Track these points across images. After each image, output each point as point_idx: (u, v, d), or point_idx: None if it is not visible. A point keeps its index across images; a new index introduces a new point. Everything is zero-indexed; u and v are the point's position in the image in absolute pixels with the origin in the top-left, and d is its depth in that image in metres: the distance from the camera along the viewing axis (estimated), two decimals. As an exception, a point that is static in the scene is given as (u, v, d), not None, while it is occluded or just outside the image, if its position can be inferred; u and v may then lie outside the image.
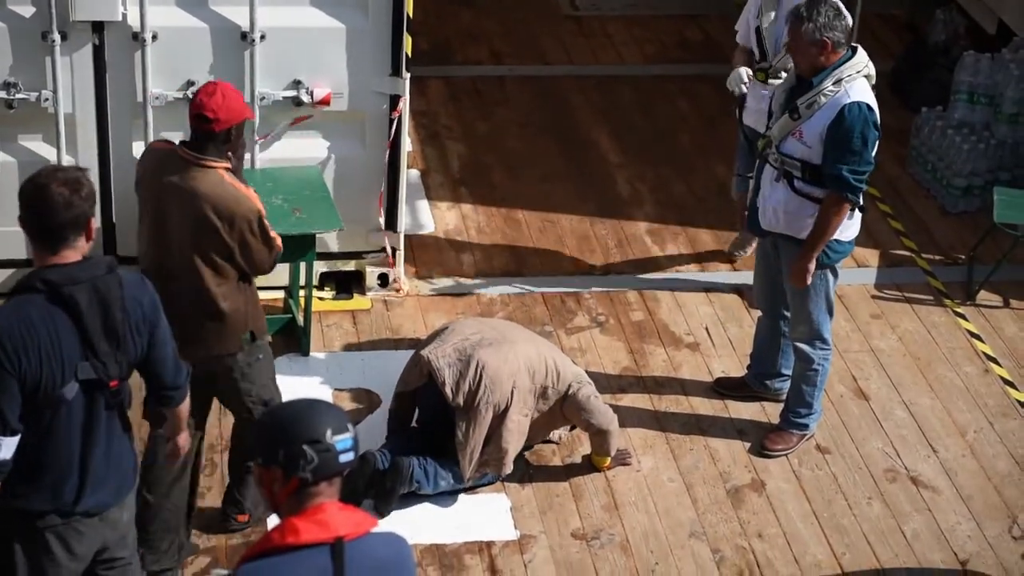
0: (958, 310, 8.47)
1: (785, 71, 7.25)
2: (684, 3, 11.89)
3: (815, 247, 6.78)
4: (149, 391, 5.15)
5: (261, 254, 6.18)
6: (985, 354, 8.12)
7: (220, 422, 7.20)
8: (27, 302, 4.71)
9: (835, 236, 6.83)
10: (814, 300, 6.99)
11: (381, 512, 6.62)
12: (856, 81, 6.64)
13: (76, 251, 4.77)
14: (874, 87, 6.79)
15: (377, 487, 6.70)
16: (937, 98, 9.86)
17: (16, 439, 4.74)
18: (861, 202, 6.77)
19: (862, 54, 6.72)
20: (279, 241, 6.24)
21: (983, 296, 8.58)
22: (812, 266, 6.82)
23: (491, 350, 6.76)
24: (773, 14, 7.82)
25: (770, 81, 7.29)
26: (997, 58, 9.62)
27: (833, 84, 6.62)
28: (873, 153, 6.70)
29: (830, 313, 7.09)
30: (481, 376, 6.69)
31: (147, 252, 6.25)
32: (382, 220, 7.98)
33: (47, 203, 4.69)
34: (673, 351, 7.99)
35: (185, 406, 5.30)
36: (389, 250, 8.06)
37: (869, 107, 6.62)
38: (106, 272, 4.80)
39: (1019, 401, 7.79)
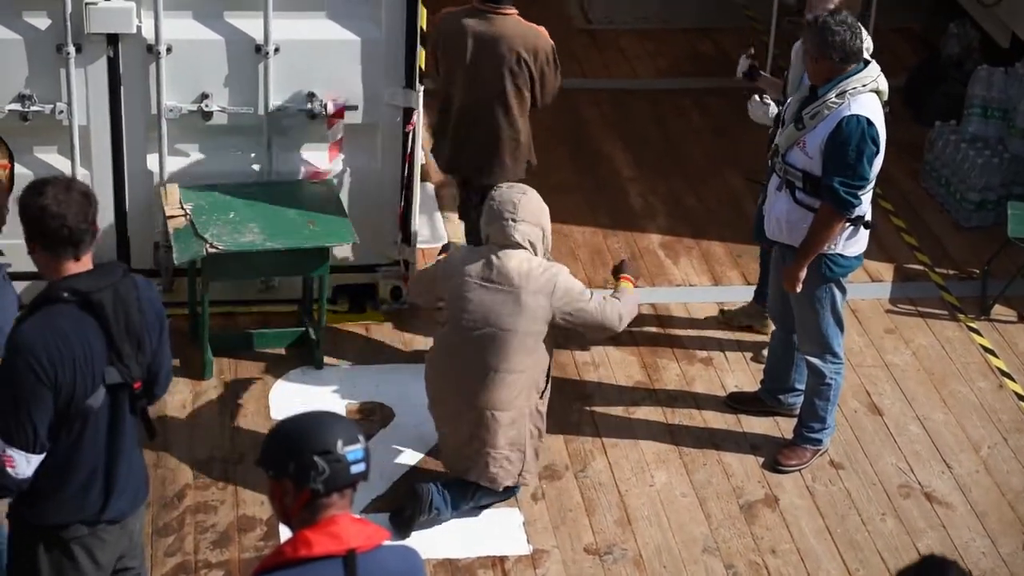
0: (972, 325, 8.45)
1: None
2: (697, 17, 11.88)
3: (806, 255, 6.77)
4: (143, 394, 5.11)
5: (553, 83, 7.76)
6: (999, 369, 8.10)
7: (232, 436, 7.21)
8: (57, 313, 4.73)
9: (839, 251, 6.82)
10: (820, 314, 6.97)
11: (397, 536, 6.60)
12: (861, 95, 6.61)
13: (90, 257, 4.79)
14: (887, 102, 6.77)
15: (394, 512, 6.68)
16: (951, 112, 9.85)
17: (41, 457, 4.75)
18: (852, 214, 6.72)
19: (873, 68, 6.70)
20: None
21: (997, 311, 8.56)
22: (802, 274, 6.80)
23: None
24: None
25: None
26: (1011, 72, 9.61)
27: (837, 96, 6.61)
28: (872, 169, 6.65)
29: (839, 327, 7.08)
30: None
31: (459, 99, 7.75)
32: (398, 234, 7.97)
33: (73, 210, 4.72)
34: (686, 365, 7.97)
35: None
36: (403, 263, 8.05)
37: (869, 121, 6.58)
38: (123, 275, 4.85)
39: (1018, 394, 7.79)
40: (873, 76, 6.67)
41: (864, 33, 6.92)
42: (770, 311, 7.49)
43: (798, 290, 6.87)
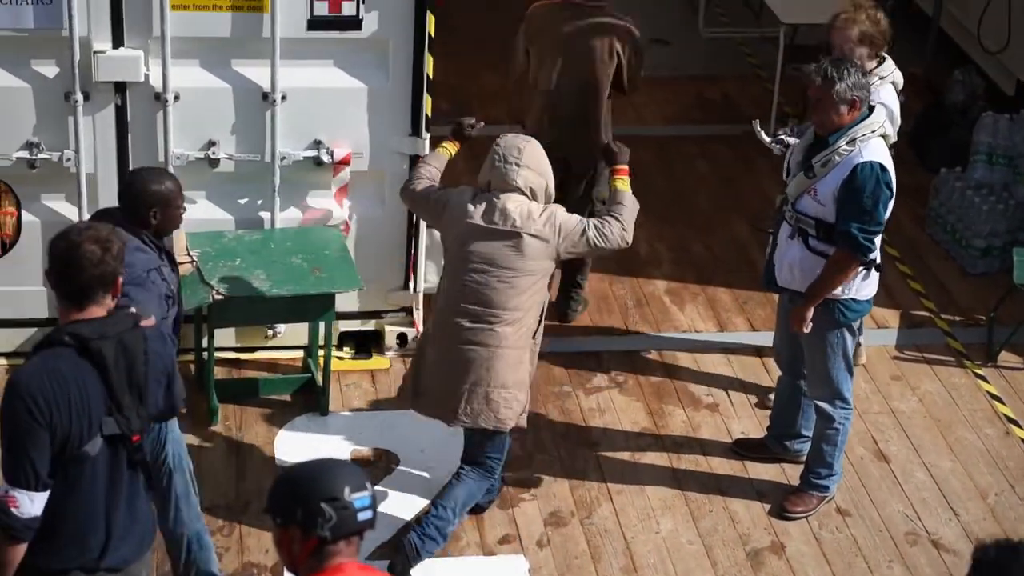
0: (978, 371, 8.44)
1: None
2: (703, 65, 11.94)
3: (815, 297, 6.78)
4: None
5: (638, 72, 8.27)
6: (1006, 416, 8.08)
7: (237, 483, 7.20)
8: (57, 356, 4.75)
9: (852, 295, 6.83)
10: (832, 359, 6.98)
11: None
12: (871, 140, 6.64)
13: (102, 307, 4.82)
14: (893, 147, 6.81)
15: (389, 567, 6.64)
16: (956, 158, 9.86)
17: (46, 494, 4.77)
18: (868, 259, 6.75)
19: (879, 113, 6.74)
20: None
21: (1004, 357, 8.55)
22: (810, 315, 6.81)
23: None
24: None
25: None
26: (1016, 119, 9.63)
27: (847, 143, 6.63)
28: (886, 214, 6.69)
29: (849, 372, 7.08)
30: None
31: (557, 88, 8.18)
32: (411, 283, 7.97)
33: (78, 261, 4.74)
34: (692, 412, 7.96)
35: None
36: (409, 310, 8.06)
37: (882, 167, 6.62)
38: (132, 327, 4.84)
39: (1008, 417, 7.77)
40: (880, 122, 6.70)
41: (885, 22, 7.38)
42: (778, 357, 7.49)
43: (806, 331, 6.87)
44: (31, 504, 4.74)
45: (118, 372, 4.79)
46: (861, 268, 6.78)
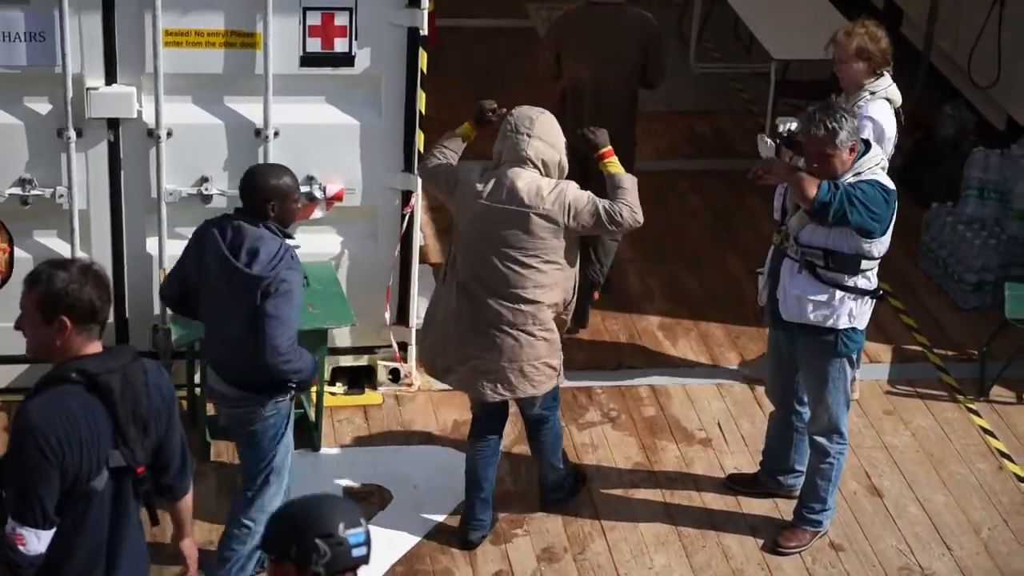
0: (971, 406, 8.44)
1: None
2: (695, 100, 11.97)
3: (793, 179, 6.68)
4: (153, 483, 5.10)
5: (663, 62, 8.79)
6: (999, 451, 8.08)
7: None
8: (66, 393, 4.73)
9: (852, 325, 6.84)
10: (834, 393, 6.98)
11: None
12: (876, 172, 6.73)
13: (100, 342, 4.82)
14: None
15: None
16: (947, 193, 9.89)
17: (52, 532, 4.76)
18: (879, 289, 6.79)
19: (876, 148, 6.81)
20: None
21: (996, 392, 8.56)
22: (781, 176, 6.78)
23: None
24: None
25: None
26: (1007, 154, 9.66)
27: (853, 176, 6.68)
28: (889, 227, 6.72)
29: (847, 406, 7.09)
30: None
31: (589, 87, 8.56)
32: (388, 315, 7.98)
33: (107, 291, 4.75)
34: (685, 447, 7.96)
35: (189, 502, 5.28)
36: (395, 345, 8.05)
37: (884, 187, 6.69)
38: (133, 360, 4.85)
39: (1017, 475, 7.76)
40: (879, 155, 6.78)
41: (885, 41, 7.63)
42: (769, 393, 7.49)
43: (761, 181, 6.85)
44: (37, 542, 4.74)
45: (124, 405, 4.80)
46: (865, 296, 6.80)
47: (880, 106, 7.67)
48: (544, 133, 6.73)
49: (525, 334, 6.70)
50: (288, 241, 6.27)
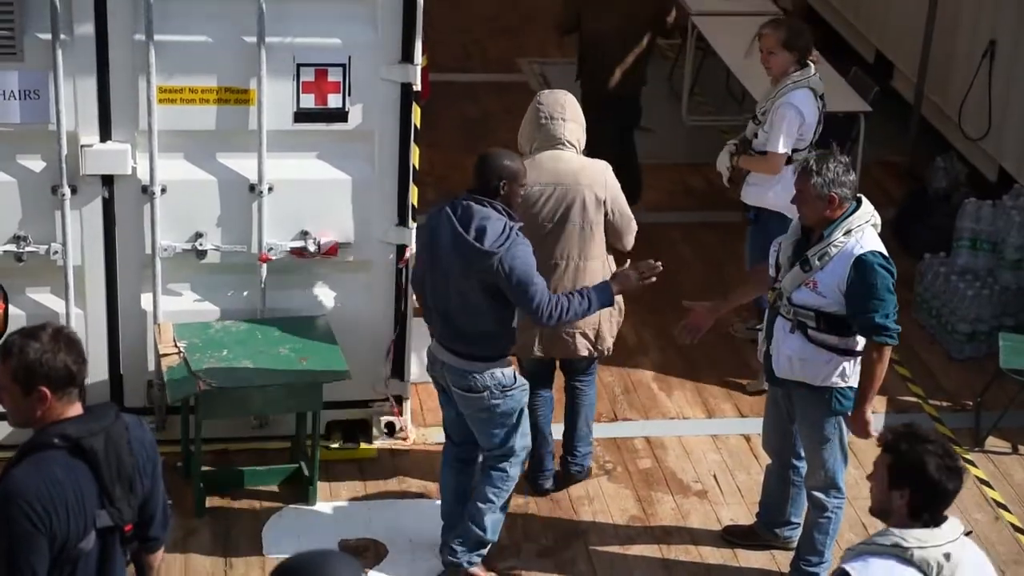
0: (967, 456, 8.43)
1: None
2: (687, 152, 12.02)
3: (867, 399, 6.82)
4: (136, 536, 5.07)
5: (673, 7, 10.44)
6: (995, 501, 8.07)
7: (226, 574, 7.15)
8: (49, 459, 4.71)
9: (848, 383, 6.85)
10: (830, 449, 6.98)
11: None
12: (865, 230, 6.72)
13: (80, 404, 4.80)
14: (879, 235, 6.87)
15: None
16: (940, 244, 9.92)
17: None
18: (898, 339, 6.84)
19: (867, 204, 6.81)
20: None
21: (991, 442, 8.55)
22: (869, 415, 6.85)
23: None
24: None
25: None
26: (998, 205, 9.69)
27: (844, 235, 6.69)
28: (894, 288, 6.77)
29: (845, 460, 7.09)
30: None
31: (610, 33, 9.95)
32: (388, 369, 7.99)
33: (81, 354, 4.74)
34: (681, 499, 7.94)
35: (162, 552, 5.26)
36: (392, 400, 8.05)
37: (883, 255, 6.71)
38: (115, 419, 4.84)
39: (1014, 525, 7.75)
40: (871, 211, 6.79)
41: (808, 33, 8.57)
42: (765, 445, 7.48)
43: (874, 433, 6.76)
44: None
45: (109, 466, 4.78)
46: (858, 356, 6.83)
47: (802, 93, 8.40)
48: (574, 115, 7.43)
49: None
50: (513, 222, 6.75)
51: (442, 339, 6.92)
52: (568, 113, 7.36)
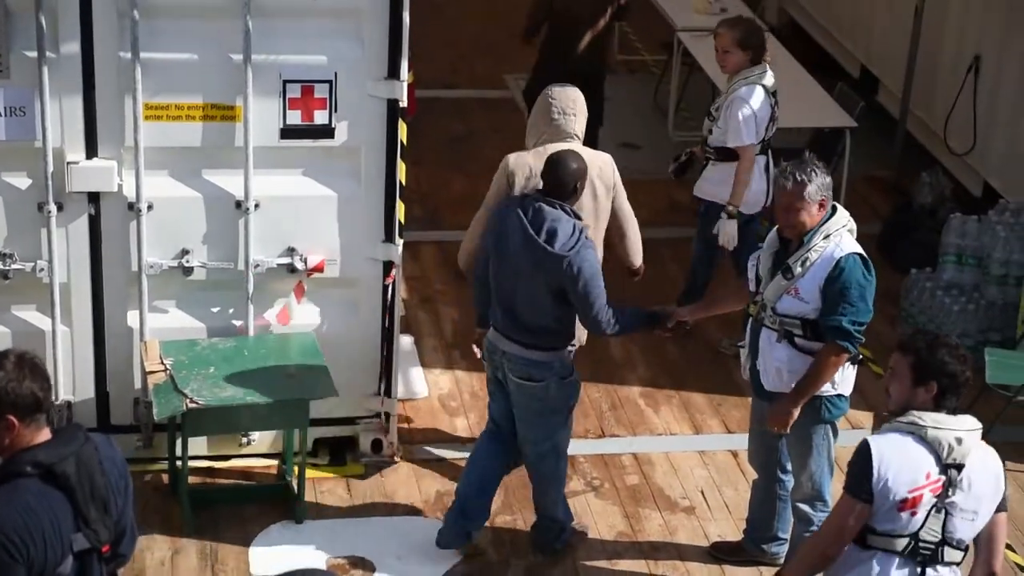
0: (953, 471, 8.43)
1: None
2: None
3: (803, 394, 6.79)
4: (112, 556, 5.04)
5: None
6: (982, 515, 8.07)
7: (212, 592, 7.14)
8: (22, 488, 4.67)
9: (838, 391, 6.85)
10: (817, 459, 6.98)
11: None
12: (843, 235, 6.74)
13: (47, 430, 4.77)
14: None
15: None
16: (925, 259, 9.94)
17: None
18: (857, 351, 6.80)
19: (842, 210, 6.82)
20: None
21: (978, 457, 8.54)
22: (796, 412, 6.81)
23: None
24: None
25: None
26: (984, 220, 9.72)
27: (823, 239, 6.71)
28: (871, 301, 6.75)
29: (831, 472, 7.08)
30: None
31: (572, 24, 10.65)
32: (376, 386, 7.99)
33: (46, 379, 4.72)
34: (669, 515, 7.94)
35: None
36: (383, 416, 8.05)
37: (863, 258, 6.72)
38: (84, 441, 4.81)
39: (1018, 564, 7.74)
40: (847, 216, 6.81)
41: (761, 32, 9.09)
42: (751, 460, 7.49)
43: (787, 430, 6.86)
44: None
45: (82, 489, 4.75)
46: (847, 362, 6.82)
47: (754, 90, 8.79)
48: (582, 109, 7.70)
49: None
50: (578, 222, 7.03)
51: (504, 330, 7.14)
52: (578, 108, 7.67)
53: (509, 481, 7.92)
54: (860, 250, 6.74)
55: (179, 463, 7.52)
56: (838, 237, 6.72)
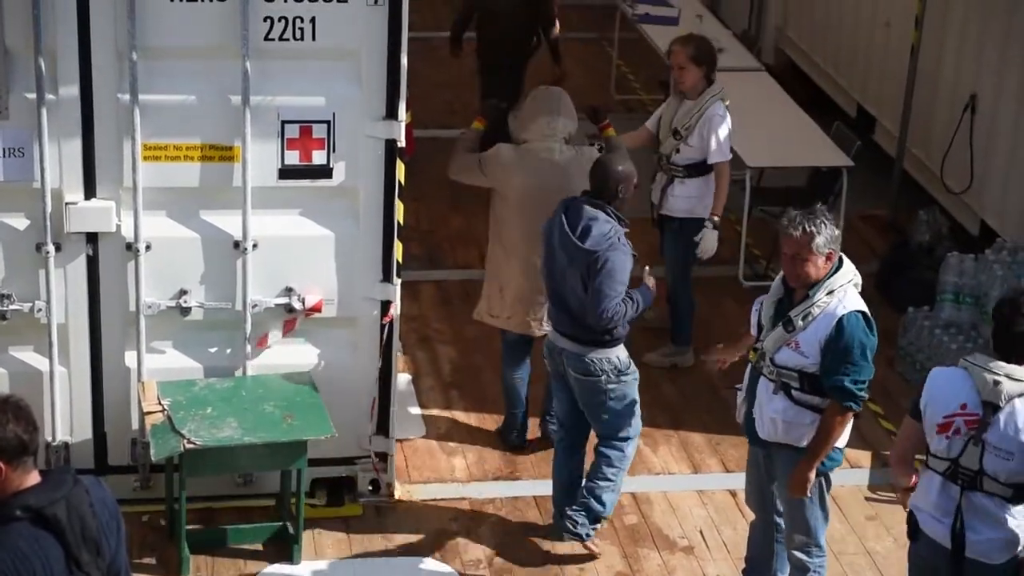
0: (952, 510, 8.41)
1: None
2: (671, 206, 12.02)
3: (817, 457, 6.73)
4: None
5: (552, 14, 12.16)
6: (981, 554, 8.04)
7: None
8: (13, 533, 4.66)
9: (835, 444, 6.81)
10: (811, 509, 6.93)
11: None
12: (848, 290, 6.68)
13: (36, 472, 4.76)
14: (861, 292, 6.86)
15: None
16: (923, 298, 9.94)
17: None
18: (860, 408, 6.77)
19: (849, 264, 6.77)
20: None
21: (977, 495, 8.53)
22: (812, 476, 6.77)
23: None
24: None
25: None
26: (981, 259, 9.72)
27: (826, 295, 6.65)
28: (872, 358, 6.72)
29: (826, 519, 7.03)
30: None
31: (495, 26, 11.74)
32: (373, 426, 7.98)
33: (31, 422, 4.71)
34: (667, 555, 7.92)
35: None
36: (374, 456, 8.03)
37: (866, 316, 6.67)
38: (74, 484, 4.80)
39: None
40: (853, 271, 6.74)
41: (714, 50, 9.55)
42: (748, 501, 7.45)
43: (808, 493, 6.79)
44: None
45: (73, 532, 4.74)
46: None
47: (725, 107, 9.28)
48: (567, 111, 8.21)
49: None
50: (621, 227, 7.43)
51: (560, 327, 7.58)
52: (563, 108, 8.13)
53: (508, 526, 7.93)
54: (863, 307, 6.68)
55: (176, 504, 7.50)
56: (842, 292, 6.65)
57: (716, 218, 9.37)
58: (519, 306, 8.40)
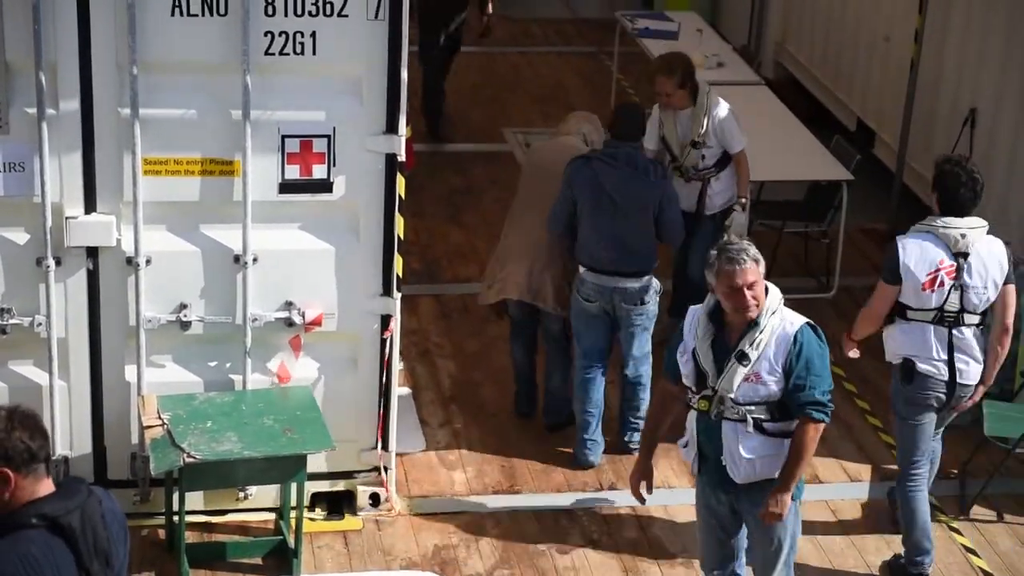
0: (952, 525, 8.42)
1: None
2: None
3: (794, 477, 6.55)
4: None
5: None
6: (981, 569, 8.05)
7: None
8: (26, 539, 4.67)
9: None
10: (787, 536, 6.75)
11: None
12: (783, 308, 6.56)
13: (50, 482, 4.76)
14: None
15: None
16: (923, 312, 9.92)
17: None
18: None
19: (773, 288, 6.60)
20: None
21: (977, 510, 8.54)
22: (788, 499, 6.59)
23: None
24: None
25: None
26: (980, 272, 9.71)
27: (770, 316, 6.50)
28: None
29: (795, 548, 6.85)
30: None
31: None
32: (376, 440, 7.98)
33: (38, 429, 4.71)
34: (667, 569, 7.92)
35: None
36: (382, 470, 8.03)
37: (814, 327, 6.57)
38: (88, 494, 4.81)
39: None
40: (777, 290, 6.60)
41: (693, 66, 9.86)
42: (711, 560, 7.02)
43: (786, 515, 6.63)
44: None
45: (85, 543, 4.74)
46: None
47: (718, 98, 9.73)
48: (587, 116, 9.23)
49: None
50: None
51: (616, 267, 8.41)
52: (593, 121, 9.08)
53: (508, 540, 7.93)
54: (806, 319, 6.58)
55: (176, 518, 7.50)
56: (782, 312, 6.54)
57: (744, 200, 9.78)
58: (518, 266, 8.82)
